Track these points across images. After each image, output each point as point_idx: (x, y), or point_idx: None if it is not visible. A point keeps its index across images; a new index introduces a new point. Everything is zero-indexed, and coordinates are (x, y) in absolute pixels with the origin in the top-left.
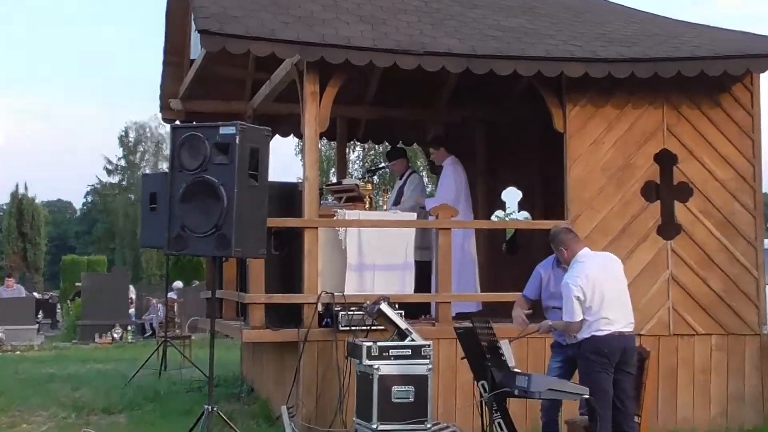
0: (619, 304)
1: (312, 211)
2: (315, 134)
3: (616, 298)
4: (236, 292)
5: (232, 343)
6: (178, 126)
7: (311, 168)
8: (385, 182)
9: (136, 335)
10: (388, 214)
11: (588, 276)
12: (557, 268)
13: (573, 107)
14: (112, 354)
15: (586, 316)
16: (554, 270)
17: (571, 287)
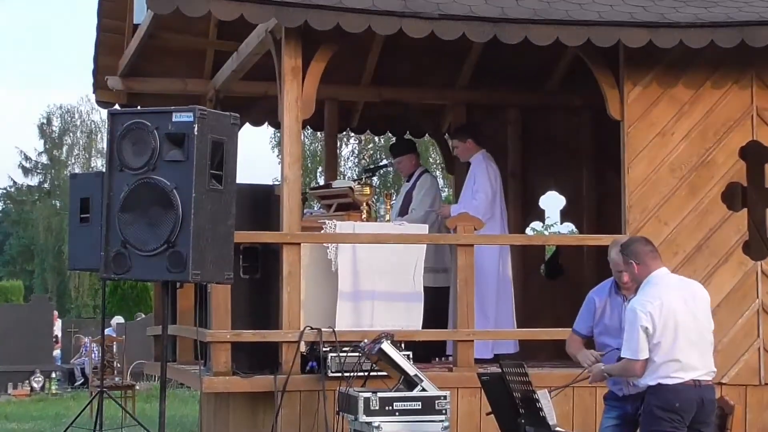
0: (700, 347)
1: (293, 222)
2: (297, 122)
3: (696, 339)
4: (194, 328)
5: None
6: (117, 111)
7: (292, 166)
8: (388, 185)
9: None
10: (392, 227)
11: (663, 303)
12: (615, 294)
13: (633, 88)
14: (30, 409)
15: (653, 357)
16: (611, 297)
17: (639, 314)
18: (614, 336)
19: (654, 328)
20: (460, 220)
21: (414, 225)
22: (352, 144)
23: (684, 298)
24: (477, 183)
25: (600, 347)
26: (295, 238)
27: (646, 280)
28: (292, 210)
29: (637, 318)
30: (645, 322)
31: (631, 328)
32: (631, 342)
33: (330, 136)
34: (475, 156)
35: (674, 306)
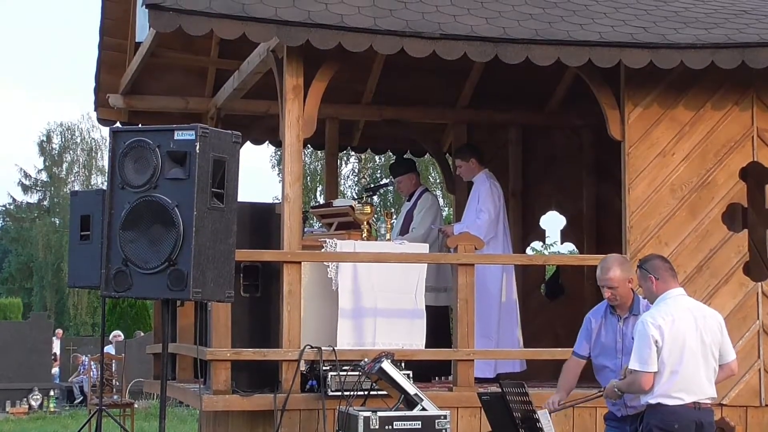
0: (704, 371)
1: (293, 240)
2: (298, 141)
3: (702, 362)
4: (194, 346)
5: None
6: (119, 129)
7: (293, 185)
8: (389, 204)
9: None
10: (393, 246)
11: (675, 321)
12: (610, 315)
13: (634, 108)
14: (28, 427)
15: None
16: (606, 317)
17: (649, 326)
18: (610, 356)
19: (662, 343)
20: (461, 240)
21: (415, 244)
22: (353, 163)
23: (695, 320)
24: (481, 202)
25: (598, 368)
26: (295, 256)
27: (661, 296)
28: (293, 228)
29: (647, 330)
30: (655, 334)
31: (640, 340)
32: (641, 353)
33: (331, 154)
34: (479, 175)
35: (685, 326)
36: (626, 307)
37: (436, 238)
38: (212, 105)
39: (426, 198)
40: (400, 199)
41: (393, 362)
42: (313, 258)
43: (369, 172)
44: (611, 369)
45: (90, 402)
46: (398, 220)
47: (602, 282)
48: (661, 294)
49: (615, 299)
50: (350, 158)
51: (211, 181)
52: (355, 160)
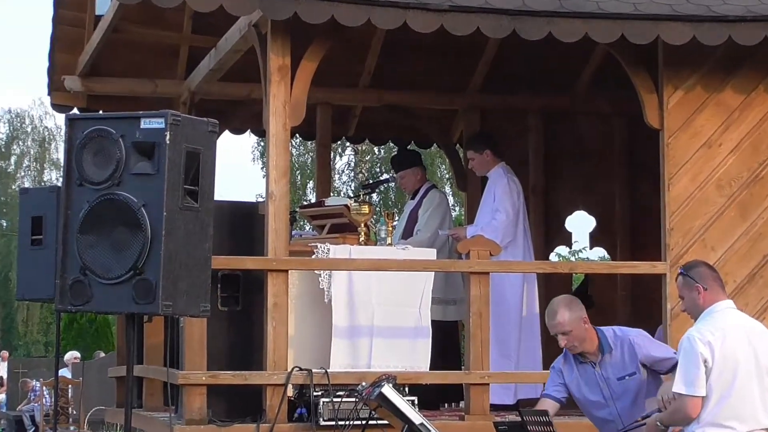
0: (758, 397)
1: (279, 245)
2: (284, 130)
3: (756, 387)
4: (164, 369)
5: None
6: (76, 117)
7: (278, 181)
8: (390, 203)
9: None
10: (395, 251)
11: (726, 338)
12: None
13: (674, 92)
14: None
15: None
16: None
17: (697, 341)
18: (602, 409)
19: (712, 363)
20: (474, 244)
21: (420, 249)
22: (348, 155)
23: (748, 337)
24: (497, 200)
25: (600, 423)
26: (281, 264)
27: (707, 310)
28: (279, 232)
29: (695, 347)
30: (705, 353)
31: (687, 359)
32: (687, 374)
33: (323, 146)
34: (494, 169)
35: (736, 344)
36: (594, 349)
37: (444, 242)
38: (185, 88)
39: (433, 196)
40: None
41: (395, 387)
42: (303, 266)
43: (367, 167)
44: (612, 420)
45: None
46: (401, 222)
47: (553, 330)
48: (708, 307)
49: (574, 346)
50: (345, 150)
51: (183, 177)
52: (351, 153)
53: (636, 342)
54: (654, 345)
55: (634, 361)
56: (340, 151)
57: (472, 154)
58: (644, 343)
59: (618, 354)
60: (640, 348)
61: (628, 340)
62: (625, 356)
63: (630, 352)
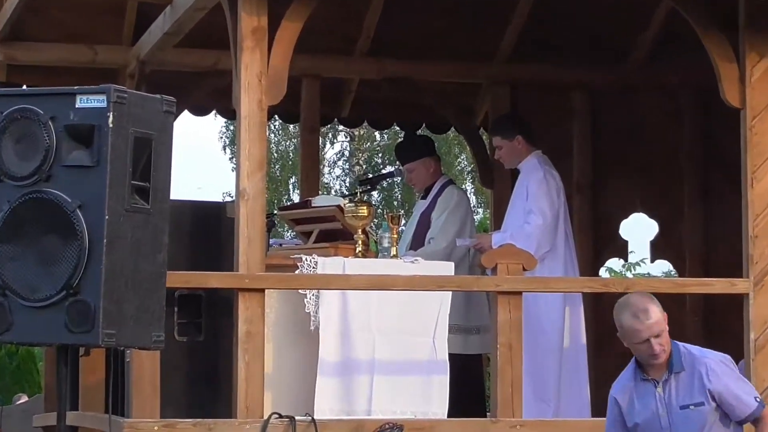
0: None
1: (253, 258)
2: (260, 110)
3: None
4: (105, 416)
5: None
6: None
7: (252, 175)
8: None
9: None
10: (401, 265)
11: None
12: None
13: (759, 61)
14: None
15: None
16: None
17: None
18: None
19: None
20: (502, 256)
21: (434, 263)
22: (342, 143)
23: None
24: (532, 199)
25: None
26: (256, 281)
27: None
28: (253, 240)
29: None
30: None
31: None
32: None
33: (309, 130)
34: (528, 160)
35: None
36: (663, 365)
37: (465, 253)
38: (132, 57)
39: (450, 194)
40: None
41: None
42: (283, 284)
43: (365, 157)
44: None
45: None
46: (409, 228)
47: (647, 332)
48: None
49: (663, 351)
50: (338, 136)
51: (131, 170)
52: (346, 139)
53: (713, 368)
54: (737, 381)
55: (704, 389)
56: (332, 138)
57: (499, 141)
58: (724, 372)
59: (688, 377)
60: (717, 376)
61: (705, 363)
62: (695, 381)
63: (702, 378)
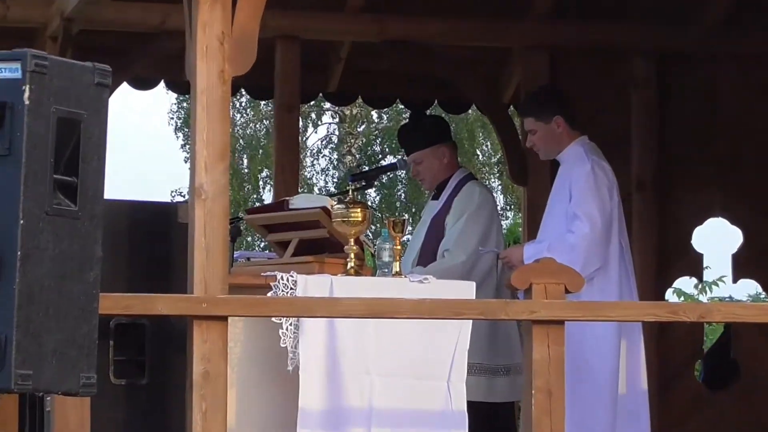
0: None
1: (213, 275)
2: (222, 83)
3: None
4: None
5: None
6: None
7: (212, 167)
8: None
9: None
10: (406, 286)
11: None
12: None
13: None
14: None
15: None
16: None
17: None
18: None
19: None
20: (539, 274)
21: (449, 283)
22: (329, 126)
23: None
24: (576, 200)
25: None
26: (216, 306)
27: None
28: (212, 252)
29: None
30: None
31: None
32: None
33: (286, 109)
34: (570, 149)
35: None
36: None
37: (490, 270)
38: (55, 13)
39: (470, 193)
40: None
41: None
42: (251, 309)
43: (359, 144)
44: None
45: None
46: (416, 237)
47: None
48: None
49: None
50: (323, 117)
51: (53, 161)
52: (333, 121)
53: None
54: None
55: None
56: (315, 119)
57: (533, 124)
58: None
59: None
60: None
61: None
62: None
63: None
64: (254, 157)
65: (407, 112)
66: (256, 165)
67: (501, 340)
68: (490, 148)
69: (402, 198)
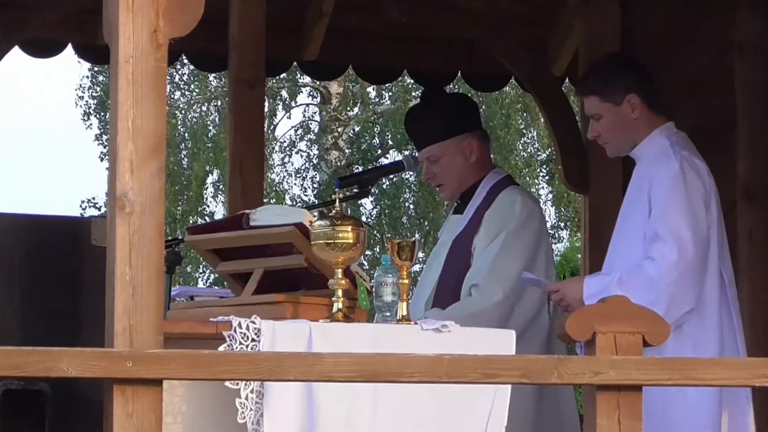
0: None
1: (142, 320)
2: (156, 48)
3: None
4: None
5: None
6: None
7: (141, 167)
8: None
9: None
10: (415, 336)
11: None
12: None
13: None
14: None
15: None
16: None
17: None
18: None
19: None
20: (605, 319)
21: (479, 332)
22: (306, 107)
23: None
24: (658, 214)
25: None
26: (147, 365)
27: None
28: (140, 288)
29: None
30: None
31: None
32: None
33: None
34: (650, 140)
35: None
36: None
37: (535, 313)
38: None
39: (508, 204)
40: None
41: None
42: (197, 370)
43: (349, 134)
44: None
45: None
46: (432, 265)
47: None
48: None
49: None
50: (298, 96)
51: None
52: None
53: None
54: None
55: None
56: (287, 99)
57: (597, 106)
58: None
59: None
60: None
61: None
62: None
63: None
64: (199, 153)
65: (418, 89)
66: (202, 164)
67: (551, 412)
68: (535, 141)
69: (411, 211)
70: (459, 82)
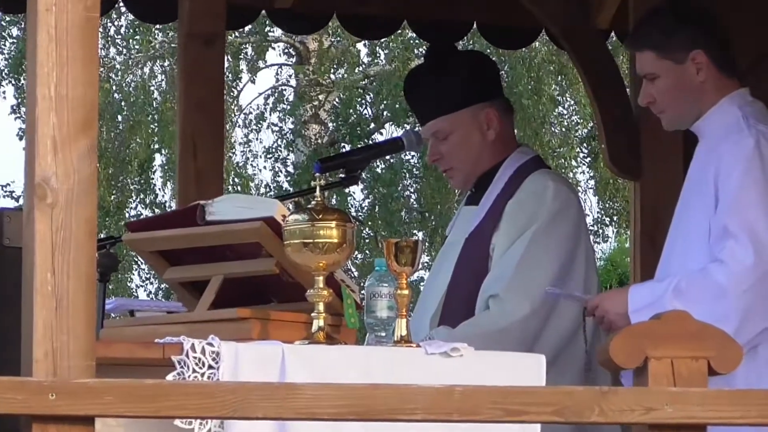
0: None
1: (69, 340)
2: None
3: None
4: None
5: None
6: None
7: (68, 146)
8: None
9: None
10: (416, 361)
11: None
12: None
13: None
14: None
15: None
16: None
17: None
18: None
19: None
20: (659, 340)
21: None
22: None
23: None
24: (728, 203)
25: None
26: (74, 399)
27: None
28: (67, 300)
29: None
30: None
31: None
32: None
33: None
34: (718, 108)
35: None
36: None
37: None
38: None
39: (537, 191)
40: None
41: None
42: (139, 404)
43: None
44: None
45: None
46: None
47: None
48: None
49: None
50: (267, 53)
51: None
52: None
53: None
54: None
55: None
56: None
57: (653, 64)
58: None
59: None
60: None
61: None
62: None
63: None
64: (141, 127)
65: (422, 46)
66: (144, 142)
67: None
68: (573, 112)
69: (412, 201)
70: (474, 36)
